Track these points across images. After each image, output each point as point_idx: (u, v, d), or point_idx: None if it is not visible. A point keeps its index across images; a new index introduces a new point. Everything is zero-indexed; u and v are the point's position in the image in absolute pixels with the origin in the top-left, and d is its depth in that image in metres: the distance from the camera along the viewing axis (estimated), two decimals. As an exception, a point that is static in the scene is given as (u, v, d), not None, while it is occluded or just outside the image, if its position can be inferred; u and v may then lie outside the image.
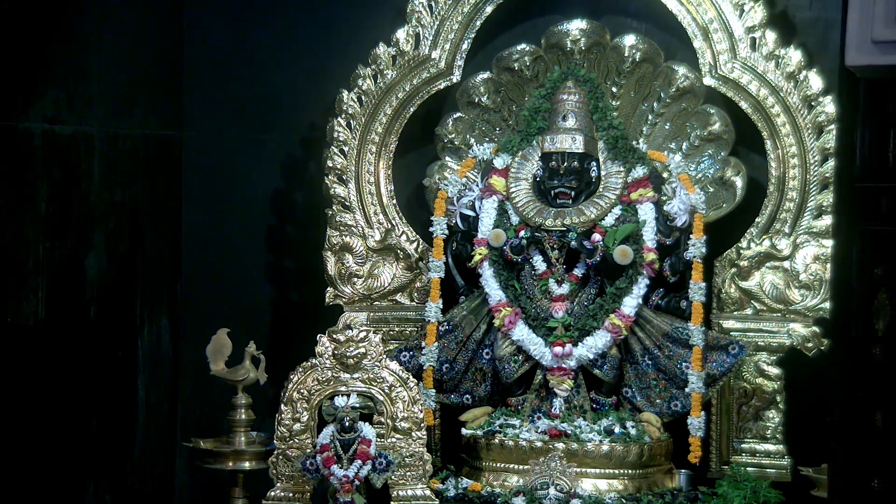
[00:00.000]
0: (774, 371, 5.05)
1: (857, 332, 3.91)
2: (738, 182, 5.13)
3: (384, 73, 5.28)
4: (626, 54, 5.16)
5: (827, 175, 5.00)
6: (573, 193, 5.02)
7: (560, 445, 4.75)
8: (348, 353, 4.54)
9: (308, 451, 4.50)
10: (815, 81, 4.99)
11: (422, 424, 4.54)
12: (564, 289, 4.99)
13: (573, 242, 4.95)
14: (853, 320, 3.93)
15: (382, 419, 4.54)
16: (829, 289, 4.98)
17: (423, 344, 5.01)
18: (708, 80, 5.11)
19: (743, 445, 5.09)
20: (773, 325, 5.08)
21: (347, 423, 4.48)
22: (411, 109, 5.33)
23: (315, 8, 5.61)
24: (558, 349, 4.90)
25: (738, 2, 5.05)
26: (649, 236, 4.95)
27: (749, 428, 5.10)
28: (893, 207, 3.79)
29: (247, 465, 4.93)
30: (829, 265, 4.99)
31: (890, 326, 3.81)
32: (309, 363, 4.58)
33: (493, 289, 5.01)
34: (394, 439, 4.52)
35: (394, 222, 5.34)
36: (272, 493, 4.56)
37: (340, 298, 5.31)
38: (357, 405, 4.52)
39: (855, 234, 3.92)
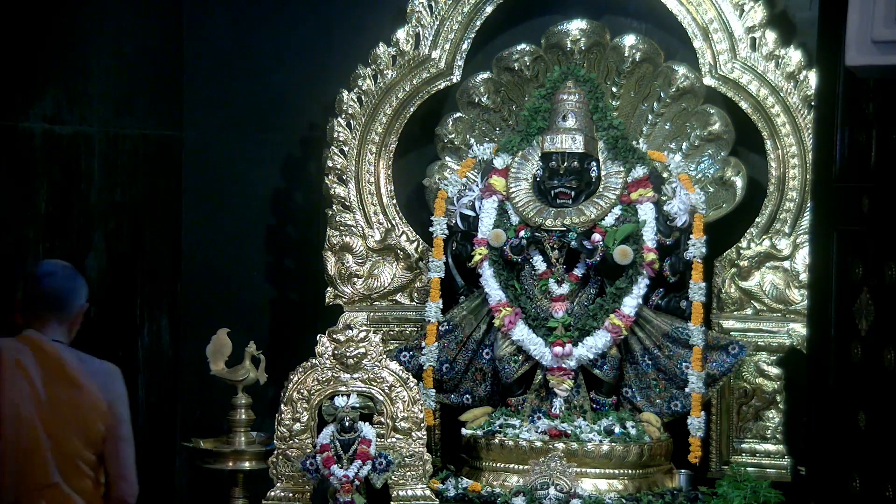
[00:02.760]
0: (774, 371, 5.05)
1: (836, 331, 3.91)
2: (738, 182, 5.13)
3: (384, 73, 5.28)
4: (626, 54, 5.16)
5: (827, 175, 5.00)
6: (573, 193, 5.02)
7: (560, 445, 4.75)
8: (348, 353, 4.54)
9: (308, 451, 4.51)
10: (815, 81, 4.98)
11: (422, 424, 4.54)
12: (564, 289, 4.99)
13: (573, 242, 4.95)
14: (833, 320, 3.93)
15: (382, 419, 4.54)
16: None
17: (423, 344, 5.02)
18: (708, 80, 5.11)
19: (743, 445, 5.09)
20: (773, 325, 5.08)
21: (347, 423, 4.48)
22: (411, 109, 5.33)
23: (315, 8, 5.62)
24: (558, 349, 4.90)
25: (738, 2, 5.05)
26: (649, 236, 4.95)
27: (749, 428, 5.10)
28: (874, 207, 3.78)
29: (247, 465, 4.93)
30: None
31: (872, 326, 3.81)
32: (309, 363, 4.58)
33: (493, 289, 5.01)
34: (394, 439, 4.52)
35: (394, 222, 5.34)
36: (272, 493, 4.56)
37: (340, 298, 5.31)
38: (357, 405, 4.53)
39: (833, 234, 3.92)
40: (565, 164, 5.00)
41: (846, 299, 3.88)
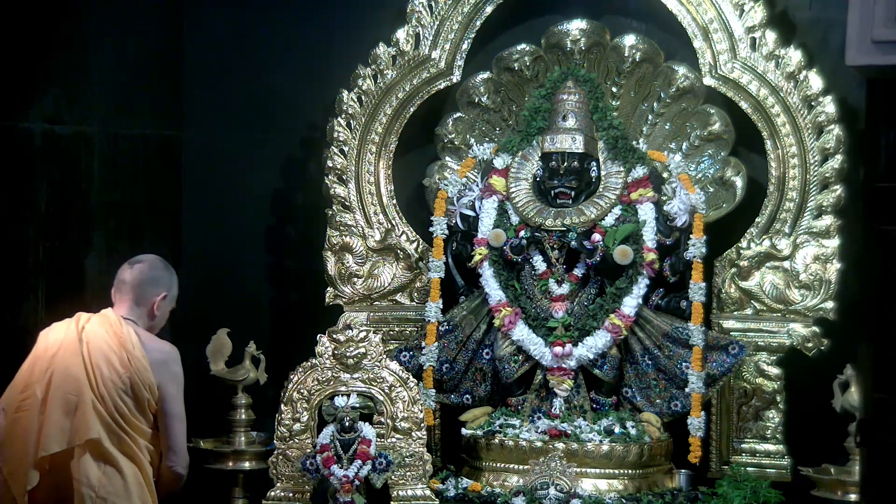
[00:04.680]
0: (774, 371, 5.05)
1: (882, 333, 3.88)
2: (738, 182, 5.13)
3: (384, 73, 5.28)
4: (626, 54, 5.16)
5: (827, 175, 5.00)
6: (573, 193, 5.02)
7: (560, 445, 4.75)
8: (348, 353, 4.54)
9: (308, 451, 4.51)
10: (815, 81, 4.98)
11: (422, 424, 4.54)
12: (564, 289, 4.99)
13: (573, 242, 4.95)
14: (878, 322, 3.89)
15: (382, 419, 4.54)
16: (830, 289, 4.98)
17: (423, 344, 5.01)
18: (708, 80, 5.11)
19: (743, 445, 5.09)
20: (773, 325, 5.07)
21: (347, 423, 4.48)
22: (411, 109, 5.33)
23: (315, 8, 5.62)
24: (558, 349, 4.90)
25: (738, 2, 5.05)
26: (649, 236, 4.94)
27: (749, 428, 5.09)
28: None
29: (247, 465, 4.94)
30: (828, 265, 4.99)
31: None
32: (309, 363, 4.58)
33: (493, 289, 5.01)
34: (394, 439, 4.53)
35: (394, 222, 5.34)
36: (272, 493, 4.56)
37: (340, 298, 5.32)
38: (357, 405, 4.53)
39: (877, 235, 3.88)
40: (565, 164, 5.00)
41: (890, 301, 3.85)
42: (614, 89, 5.25)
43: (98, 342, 4.15)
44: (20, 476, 4.09)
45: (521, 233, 5.01)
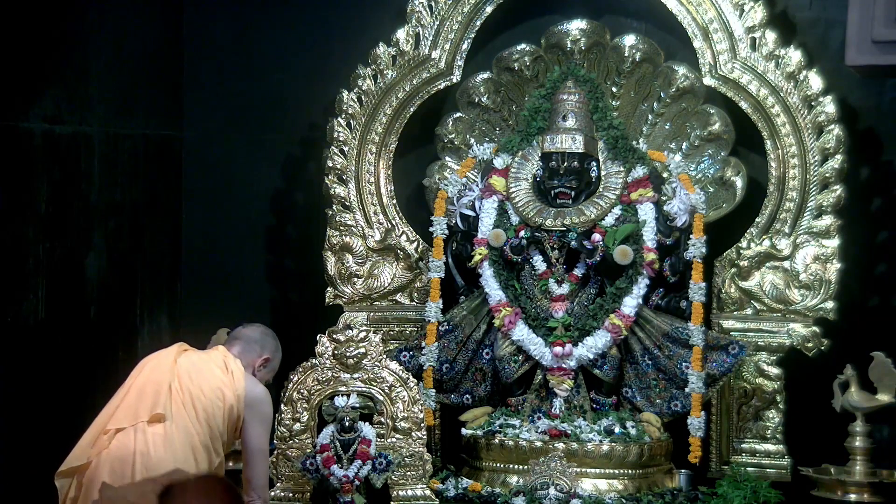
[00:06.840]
0: (774, 371, 5.05)
1: None
2: (738, 182, 5.13)
3: (384, 73, 5.28)
4: (626, 54, 5.16)
5: (827, 175, 5.00)
6: (573, 193, 5.02)
7: (560, 445, 4.75)
8: (348, 353, 4.54)
9: (308, 451, 4.51)
10: (815, 81, 4.98)
11: (422, 424, 4.54)
12: (564, 289, 4.99)
13: (573, 242, 4.95)
14: None
15: (382, 419, 4.54)
16: (830, 289, 4.98)
17: (423, 344, 5.01)
18: (708, 80, 5.11)
19: (743, 445, 5.09)
20: (773, 325, 5.07)
21: (347, 423, 4.48)
22: (411, 109, 5.33)
23: (315, 8, 5.62)
24: (558, 349, 4.90)
25: (738, 2, 5.05)
26: (649, 236, 4.94)
27: (749, 428, 5.10)
28: None
29: (247, 465, 4.92)
30: (828, 265, 5.00)
31: None
32: (309, 363, 4.58)
33: (493, 289, 5.01)
34: (394, 439, 4.53)
35: (394, 222, 5.34)
36: (272, 493, 4.56)
37: (340, 298, 5.31)
38: (357, 405, 4.53)
39: None
40: (565, 164, 5.00)
41: None
42: (614, 89, 5.25)
43: (198, 353, 4.28)
44: None
45: (521, 233, 5.01)
